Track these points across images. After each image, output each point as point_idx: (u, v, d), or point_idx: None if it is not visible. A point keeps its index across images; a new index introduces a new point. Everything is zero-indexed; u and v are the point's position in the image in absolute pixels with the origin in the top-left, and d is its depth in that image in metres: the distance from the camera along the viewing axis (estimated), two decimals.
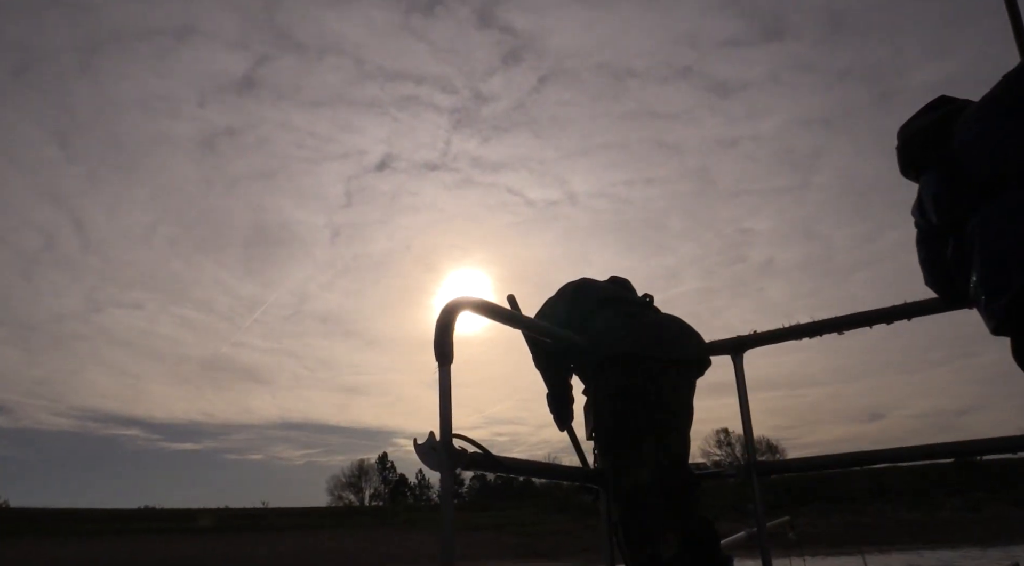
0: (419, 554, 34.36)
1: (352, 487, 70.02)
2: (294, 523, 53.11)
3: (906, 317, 2.46)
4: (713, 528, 2.66)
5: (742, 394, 2.75)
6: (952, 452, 2.51)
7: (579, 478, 2.75)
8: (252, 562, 35.25)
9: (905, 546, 26.48)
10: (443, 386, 1.97)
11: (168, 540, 42.02)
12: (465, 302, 2.12)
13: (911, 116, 2.28)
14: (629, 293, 3.02)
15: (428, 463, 1.90)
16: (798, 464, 2.91)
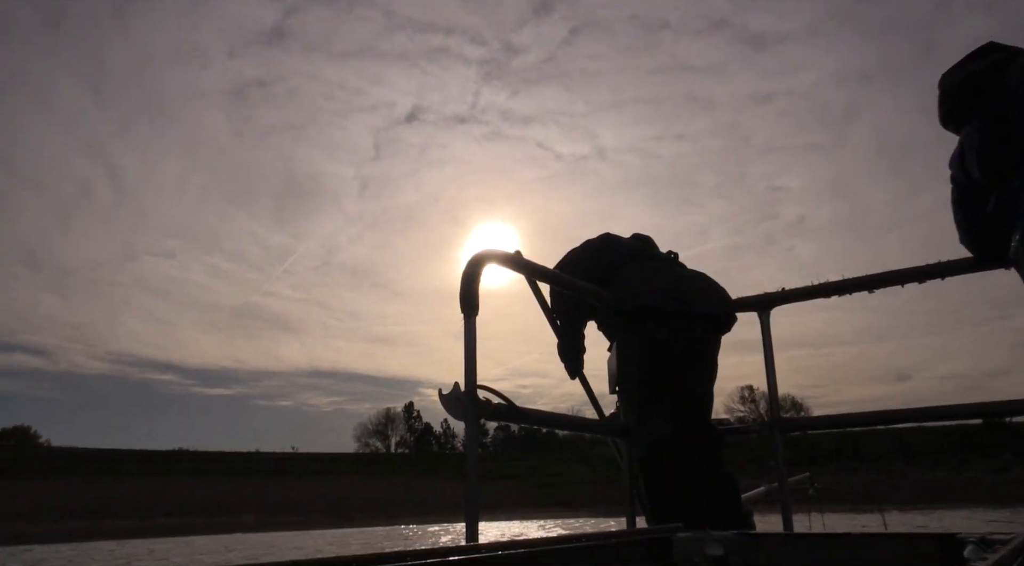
0: (444, 500, 35.18)
1: (379, 434, 71.56)
2: (323, 468, 54.58)
3: (939, 276, 2.39)
4: (734, 482, 2.67)
5: (767, 351, 2.73)
6: (977, 413, 2.48)
7: (602, 431, 2.77)
8: (284, 503, 36.34)
9: (927, 506, 26.47)
10: (468, 337, 1.98)
11: (203, 481, 43.44)
12: (491, 255, 2.12)
13: (956, 63, 2.15)
14: (653, 250, 3.00)
15: (453, 413, 1.92)
16: (821, 421, 2.89)
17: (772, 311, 2.79)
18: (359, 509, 35.00)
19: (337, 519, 32.22)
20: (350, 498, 38.31)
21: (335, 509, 34.80)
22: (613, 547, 1.73)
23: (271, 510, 33.95)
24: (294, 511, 34.00)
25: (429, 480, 47.19)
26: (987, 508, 25.24)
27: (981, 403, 2.45)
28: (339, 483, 45.33)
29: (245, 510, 33.14)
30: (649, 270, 2.79)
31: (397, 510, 35.04)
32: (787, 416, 2.81)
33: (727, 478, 2.66)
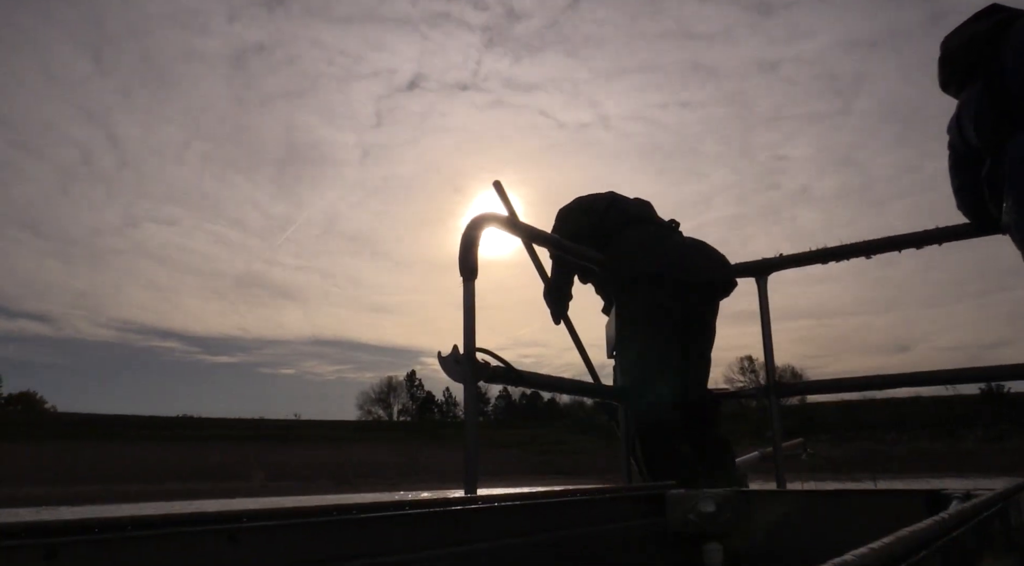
0: (445, 468, 35.57)
1: (381, 403, 72.05)
2: (326, 435, 55.08)
3: (936, 242, 2.40)
4: (729, 447, 2.72)
5: (764, 316, 2.76)
6: (972, 377, 2.51)
7: (600, 394, 2.82)
8: (287, 469, 36.80)
9: (922, 475, 26.73)
10: (467, 301, 2.01)
11: (208, 447, 43.92)
12: (490, 218, 2.14)
13: (958, 25, 2.10)
14: (653, 215, 3.01)
15: (452, 375, 1.96)
16: (817, 385, 2.94)
17: (774, 280, 2.82)
18: (360, 475, 35.43)
19: (338, 484, 32.64)
20: (351, 464, 38.72)
21: (337, 475, 35.24)
22: (608, 502, 1.78)
23: (275, 475, 34.38)
24: (297, 476, 34.44)
25: (431, 448, 47.64)
26: (981, 477, 25.48)
27: (972, 368, 2.48)
28: (341, 450, 45.79)
29: (250, 475, 33.58)
30: (650, 235, 2.80)
31: (398, 476, 35.46)
32: (781, 381, 2.85)
33: (722, 442, 2.71)
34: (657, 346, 2.62)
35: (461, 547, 1.31)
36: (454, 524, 1.33)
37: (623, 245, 2.77)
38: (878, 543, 0.63)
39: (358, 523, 1.15)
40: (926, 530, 0.73)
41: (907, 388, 2.73)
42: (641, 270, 2.68)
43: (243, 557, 0.98)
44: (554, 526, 1.56)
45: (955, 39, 2.08)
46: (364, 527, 1.16)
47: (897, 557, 0.62)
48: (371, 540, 1.16)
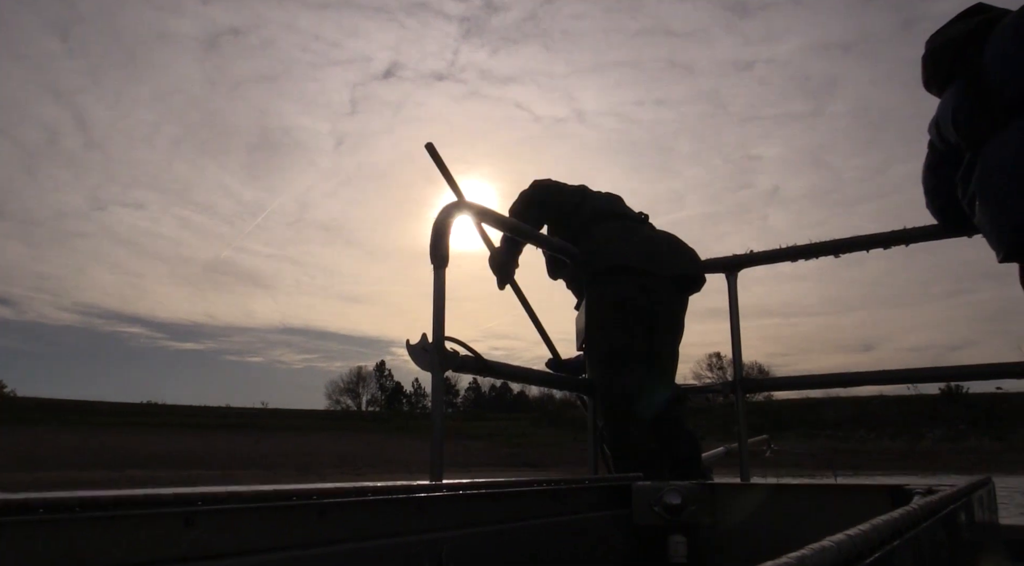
0: (413, 458, 35.43)
1: (350, 393, 71.71)
2: (292, 424, 54.63)
3: (904, 243, 2.44)
4: (696, 442, 2.73)
5: (733, 312, 2.78)
6: (934, 377, 2.55)
7: (568, 386, 2.81)
8: (253, 458, 36.45)
9: (884, 472, 27.29)
10: (437, 289, 1.99)
11: (172, 434, 43.34)
12: (462, 205, 2.12)
13: (944, 24, 2.09)
14: (625, 209, 3.01)
15: (419, 363, 1.94)
16: (783, 382, 2.96)
17: (743, 278, 2.84)
18: (327, 465, 35.18)
19: (304, 474, 32.37)
20: (319, 454, 38.46)
21: (303, 464, 34.95)
22: (574, 493, 1.78)
23: (240, 464, 34.02)
24: (262, 465, 34.10)
25: (399, 439, 47.50)
26: (942, 475, 26.06)
27: (934, 367, 2.53)
28: (308, 439, 45.47)
29: (214, 463, 33.19)
30: (621, 229, 2.80)
31: (366, 467, 35.27)
32: (748, 377, 2.87)
33: (688, 436, 2.72)
34: (624, 339, 2.62)
35: (425, 535, 1.30)
36: (418, 511, 1.31)
37: (593, 240, 2.76)
38: (852, 531, 0.62)
39: (319, 509, 1.12)
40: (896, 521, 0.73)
41: (870, 387, 2.77)
42: (610, 263, 2.68)
43: (198, 541, 0.95)
44: (519, 516, 1.55)
45: (939, 38, 2.08)
46: (324, 513, 1.13)
47: (871, 545, 0.62)
48: (332, 526, 1.14)
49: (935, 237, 2.36)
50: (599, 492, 1.88)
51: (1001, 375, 2.41)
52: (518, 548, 1.52)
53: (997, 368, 2.38)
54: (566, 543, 1.67)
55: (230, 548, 0.99)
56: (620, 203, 3.04)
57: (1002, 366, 2.37)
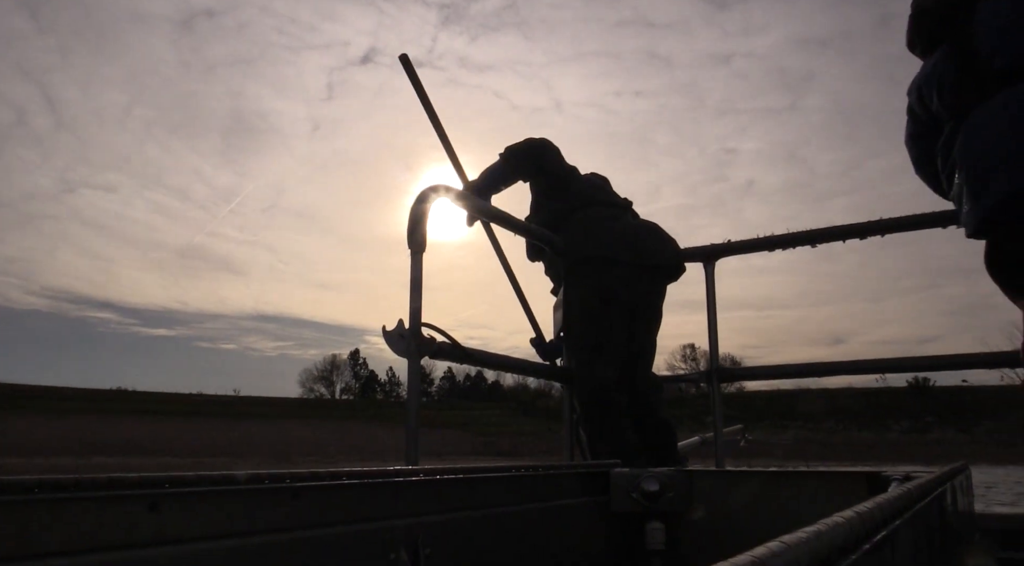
0: (387, 447, 35.31)
1: (323, 380, 71.27)
2: (265, 411, 54.28)
3: (879, 233, 2.45)
4: (672, 429, 2.73)
5: (710, 301, 2.78)
6: (904, 367, 2.58)
7: (546, 374, 2.79)
8: (224, 445, 36.12)
9: (852, 462, 27.76)
10: (414, 274, 1.96)
11: (142, 421, 42.82)
12: (440, 189, 2.08)
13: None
14: (609, 195, 2.99)
15: (396, 349, 1.91)
16: (758, 371, 2.98)
17: (718, 267, 2.84)
18: (300, 452, 34.97)
19: (277, 461, 32.14)
20: (291, 441, 38.25)
21: (275, 451, 34.71)
22: (552, 479, 1.76)
23: (211, 451, 33.70)
24: (234, 453, 33.81)
25: (372, 427, 47.38)
26: (908, 465, 26.53)
27: (905, 357, 2.57)
28: (281, 427, 45.20)
29: (184, 450, 32.85)
30: (603, 217, 2.78)
31: (338, 455, 35.11)
32: (723, 366, 2.87)
33: (665, 425, 2.72)
34: (603, 328, 2.61)
35: (400, 520, 1.27)
36: (394, 496, 1.28)
37: (574, 227, 2.75)
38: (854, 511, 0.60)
39: (292, 492, 1.09)
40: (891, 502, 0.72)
41: (840, 380, 2.81)
42: (590, 252, 2.66)
43: (164, 526, 0.91)
44: (496, 502, 1.53)
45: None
46: (298, 497, 1.10)
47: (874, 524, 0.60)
48: (305, 511, 1.11)
49: (910, 228, 2.37)
50: (577, 478, 1.86)
51: (968, 365, 2.44)
52: (495, 534, 1.50)
53: (964, 359, 2.41)
54: (543, 529, 1.65)
55: (198, 533, 0.95)
56: (605, 188, 3.03)
57: (969, 357, 2.40)
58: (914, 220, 2.33)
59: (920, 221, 2.33)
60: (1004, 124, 1.70)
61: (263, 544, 1.04)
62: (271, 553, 1.05)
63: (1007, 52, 1.74)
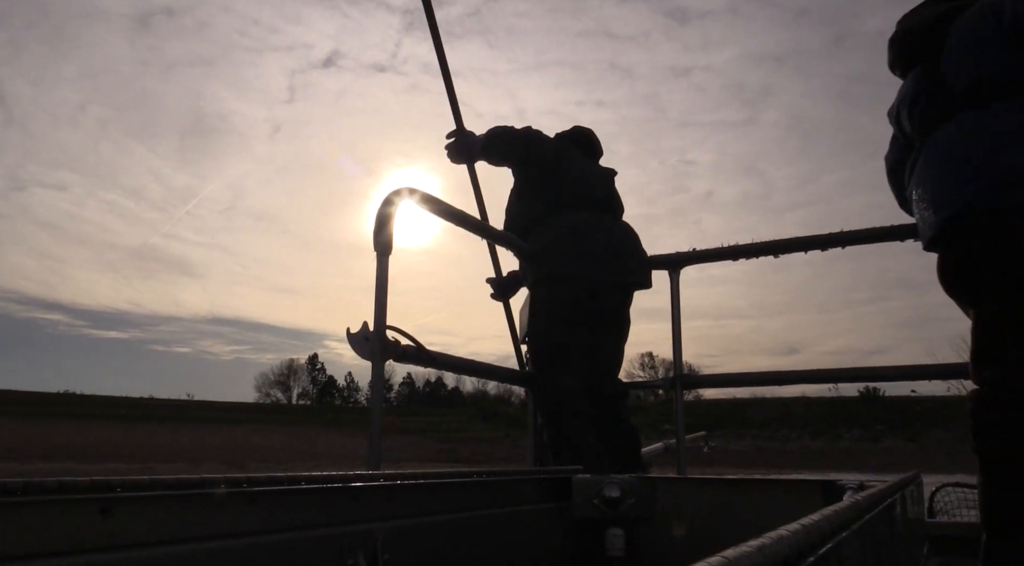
0: (344, 453, 34.87)
1: (280, 385, 70.29)
2: (219, 416, 53.23)
3: (840, 245, 2.50)
4: (636, 436, 2.74)
5: (675, 309, 2.81)
6: (862, 377, 2.64)
7: (510, 379, 2.79)
8: (175, 450, 35.31)
9: (807, 470, 28.28)
10: (380, 277, 1.93)
11: (89, 426, 41.64)
12: (407, 192, 2.06)
13: (916, 5, 2.07)
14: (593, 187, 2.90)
15: (359, 352, 1.88)
16: (721, 379, 3.01)
17: (681, 275, 2.87)
18: (254, 459, 34.33)
19: (229, 467, 31.53)
20: (245, 447, 37.53)
21: (228, 457, 34.00)
22: (513, 484, 1.75)
23: (160, 457, 32.89)
24: (185, 458, 33.05)
25: (330, 433, 46.78)
26: (859, 474, 27.14)
27: (862, 368, 2.64)
28: (234, 432, 44.33)
29: (132, 456, 32.00)
30: (578, 226, 2.71)
31: (293, 461, 34.55)
32: (687, 374, 2.90)
33: (630, 432, 2.73)
34: (568, 336, 2.62)
35: (359, 525, 1.25)
36: (352, 501, 1.26)
37: (546, 235, 2.71)
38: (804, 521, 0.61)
39: (248, 497, 1.06)
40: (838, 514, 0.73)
41: (794, 388, 2.89)
42: (554, 270, 2.65)
43: (116, 531, 0.88)
44: (457, 507, 1.52)
45: (909, 20, 2.06)
46: (254, 502, 1.08)
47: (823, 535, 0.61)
48: (261, 515, 1.08)
49: (872, 240, 2.43)
50: (539, 484, 1.86)
51: (921, 377, 2.51)
52: (455, 539, 1.49)
53: (917, 370, 2.48)
54: (504, 535, 1.65)
55: (151, 537, 0.92)
56: (600, 184, 2.94)
57: (922, 368, 2.47)
58: (875, 233, 2.39)
59: (881, 234, 2.38)
60: (954, 146, 1.78)
61: (218, 549, 1.01)
62: (226, 559, 1.02)
63: (968, 74, 1.81)
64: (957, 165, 1.77)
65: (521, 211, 2.83)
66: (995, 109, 1.74)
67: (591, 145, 3.08)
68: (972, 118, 1.77)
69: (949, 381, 2.77)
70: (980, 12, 1.84)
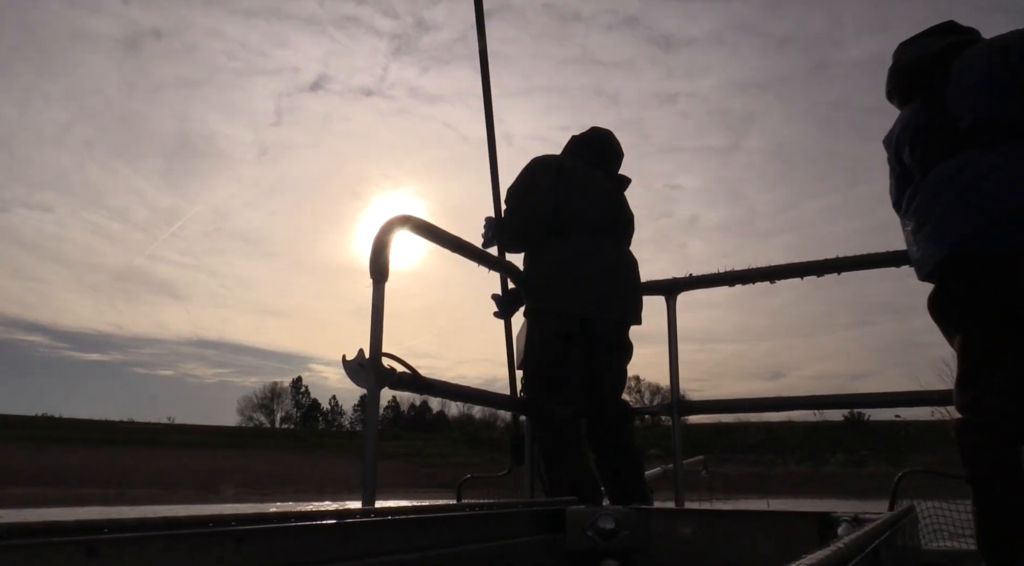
0: (325, 478, 34.38)
1: (263, 409, 69.56)
2: (199, 440, 52.55)
3: (836, 271, 2.50)
4: (640, 461, 2.67)
5: (672, 334, 2.80)
6: (857, 404, 2.65)
7: (508, 406, 2.74)
8: (153, 476, 34.71)
9: (792, 495, 28.25)
10: (376, 304, 1.92)
11: (66, 450, 40.90)
12: (405, 220, 2.04)
13: (915, 34, 2.11)
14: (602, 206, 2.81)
15: (355, 380, 1.86)
16: (719, 405, 2.97)
17: (660, 303, 2.86)
18: (232, 483, 33.74)
19: (205, 493, 30.95)
20: (224, 472, 36.94)
21: (206, 482, 33.39)
22: (506, 516, 1.73)
23: (137, 482, 32.29)
24: (161, 483, 32.46)
25: (311, 457, 46.28)
26: (840, 498, 27.16)
27: (860, 394, 2.64)
28: (214, 456, 43.70)
29: (108, 481, 31.40)
30: (575, 254, 2.64)
31: (273, 487, 33.97)
32: (684, 400, 2.88)
33: (632, 456, 2.67)
34: (563, 366, 2.57)
35: (351, 562, 1.22)
36: (344, 538, 1.23)
37: (541, 262, 2.67)
38: None
39: (236, 536, 1.03)
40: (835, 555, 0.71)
41: (779, 414, 2.89)
42: (544, 306, 2.62)
43: None
44: (451, 542, 1.49)
45: (907, 53, 2.09)
46: (243, 541, 1.04)
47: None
48: (250, 555, 1.05)
49: (866, 267, 2.43)
50: (532, 517, 1.83)
51: (913, 403, 2.51)
52: None
53: (913, 396, 2.48)
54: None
55: None
56: (604, 204, 2.82)
57: (914, 394, 2.47)
58: (869, 259, 2.39)
59: (876, 260, 2.38)
60: (957, 183, 1.82)
61: None
62: None
63: (972, 114, 1.84)
64: (960, 203, 1.81)
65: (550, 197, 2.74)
66: (999, 150, 1.79)
67: (602, 153, 2.95)
68: (976, 157, 1.81)
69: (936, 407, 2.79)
70: (987, 52, 1.88)
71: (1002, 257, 1.74)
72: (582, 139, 2.97)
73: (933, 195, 1.89)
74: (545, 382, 2.58)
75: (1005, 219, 1.73)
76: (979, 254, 1.78)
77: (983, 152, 1.81)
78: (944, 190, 1.85)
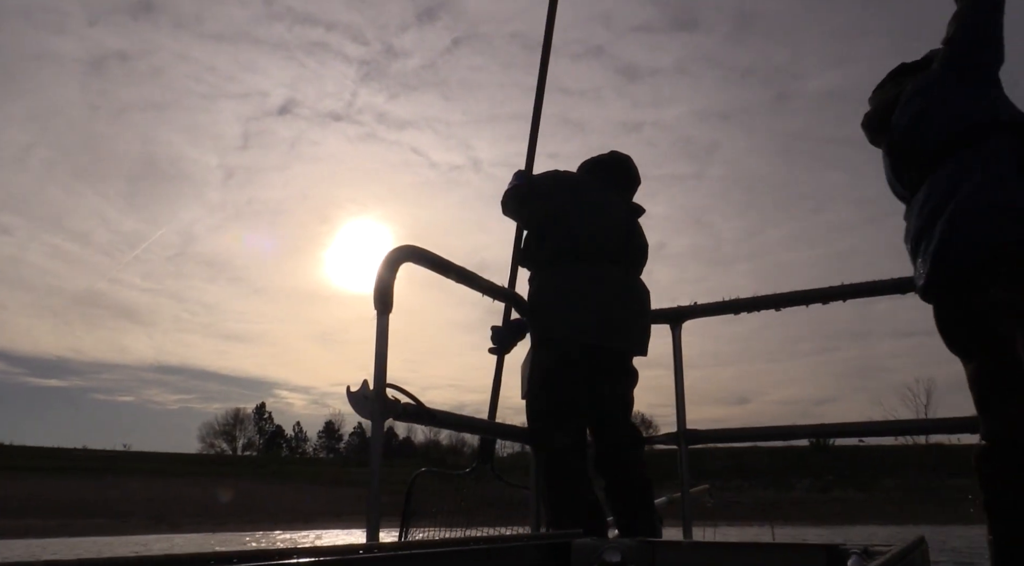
0: (286, 507, 33.49)
1: (225, 435, 68.04)
2: (155, 468, 51.13)
3: (841, 298, 2.55)
4: (648, 488, 2.64)
5: (677, 363, 2.81)
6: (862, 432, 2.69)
7: (513, 436, 2.71)
8: (101, 505, 33.46)
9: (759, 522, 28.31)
10: (380, 335, 1.92)
11: (12, 479, 39.33)
12: (412, 252, 2.05)
13: (880, 82, 2.28)
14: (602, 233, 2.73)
15: (360, 411, 1.86)
16: (726, 434, 2.98)
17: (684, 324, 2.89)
18: (185, 513, 32.70)
19: (157, 523, 29.83)
20: (179, 501, 35.82)
21: (159, 512, 32.26)
22: (512, 550, 1.72)
23: (84, 512, 31.08)
24: (110, 513, 31.32)
25: (272, 485, 45.27)
26: (809, 526, 27.36)
27: (863, 422, 2.69)
28: (170, 485, 42.44)
29: (53, 511, 30.16)
30: (580, 281, 2.60)
31: (229, 517, 32.96)
32: (691, 429, 2.86)
33: (641, 483, 2.63)
34: (564, 395, 2.54)
35: None
36: None
37: (542, 292, 2.65)
38: None
39: None
40: None
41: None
42: (551, 334, 2.58)
43: None
44: None
45: (873, 100, 2.26)
46: None
47: None
48: None
49: (871, 294, 2.50)
50: (538, 550, 1.82)
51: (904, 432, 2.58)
52: None
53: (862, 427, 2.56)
54: None
55: None
56: (612, 231, 2.74)
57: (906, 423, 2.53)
58: (874, 286, 2.45)
59: (880, 287, 2.44)
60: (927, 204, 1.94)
61: None
62: None
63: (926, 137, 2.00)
64: (920, 235, 1.94)
65: (528, 255, 2.75)
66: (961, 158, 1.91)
67: (618, 177, 2.90)
68: (944, 177, 1.93)
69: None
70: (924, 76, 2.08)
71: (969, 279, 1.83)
72: (600, 161, 2.92)
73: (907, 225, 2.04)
74: (548, 411, 2.56)
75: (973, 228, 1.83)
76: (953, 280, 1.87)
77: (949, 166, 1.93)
78: (919, 212, 1.97)
